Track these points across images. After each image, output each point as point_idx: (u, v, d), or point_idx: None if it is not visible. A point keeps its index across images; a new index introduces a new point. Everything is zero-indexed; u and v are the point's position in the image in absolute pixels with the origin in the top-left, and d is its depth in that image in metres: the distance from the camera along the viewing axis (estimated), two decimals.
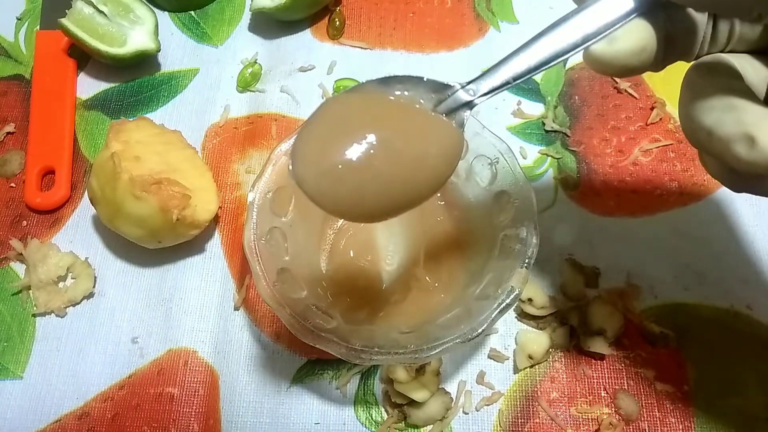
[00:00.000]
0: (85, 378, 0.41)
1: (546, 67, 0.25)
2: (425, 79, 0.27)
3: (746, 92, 0.23)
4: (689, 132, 0.25)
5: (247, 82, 0.50)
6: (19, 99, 0.51)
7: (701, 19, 0.25)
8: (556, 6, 0.53)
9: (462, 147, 0.27)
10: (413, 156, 0.26)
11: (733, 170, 0.24)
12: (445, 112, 0.27)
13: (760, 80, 0.24)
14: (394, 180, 0.25)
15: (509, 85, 0.26)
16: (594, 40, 0.24)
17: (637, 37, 0.24)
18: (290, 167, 0.26)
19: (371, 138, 0.25)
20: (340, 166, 0.25)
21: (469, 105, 0.26)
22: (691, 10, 0.25)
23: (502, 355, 0.40)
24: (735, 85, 0.24)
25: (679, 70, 0.47)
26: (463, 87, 0.26)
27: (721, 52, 0.26)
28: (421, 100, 0.27)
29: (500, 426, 0.38)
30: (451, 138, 0.27)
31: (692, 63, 0.27)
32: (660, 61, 0.26)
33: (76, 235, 0.46)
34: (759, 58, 0.25)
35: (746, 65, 0.25)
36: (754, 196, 0.44)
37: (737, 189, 0.26)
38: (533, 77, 0.49)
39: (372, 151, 0.25)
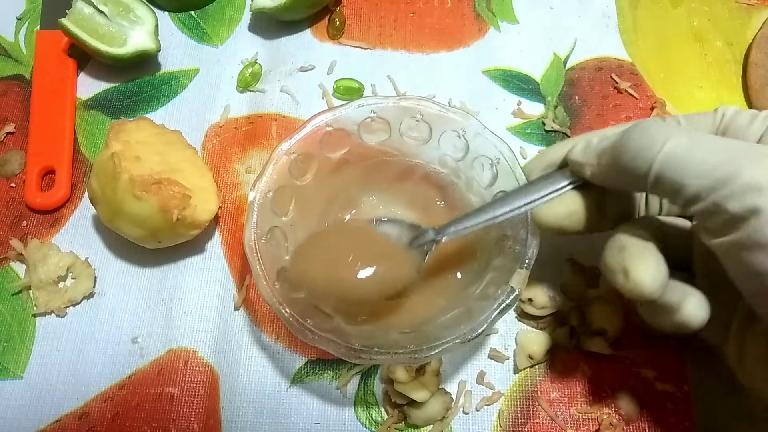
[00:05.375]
0: (85, 378, 0.41)
1: (500, 220, 0.33)
2: (405, 223, 0.36)
3: (641, 237, 0.29)
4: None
5: (247, 82, 0.50)
6: (19, 99, 0.51)
7: (630, 192, 0.33)
8: (556, 6, 0.53)
9: (415, 274, 0.36)
10: (378, 274, 0.35)
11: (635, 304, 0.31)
12: (417, 245, 0.35)
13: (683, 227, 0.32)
14: (363, 284, 0.34)
15: (470, 231, 0.34)
16: (536, 204, 0.32)
17: (567, 204, 0.32)
18: (294, 265, 0.36)
19: (354, 258, 0.35)
20: (330, 275, 0.35)
21: (436, 242, 0.35)
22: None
23: (502, 355, 0.40)
24: (637, 232, 0.29)
25: (679, 69, 0.48)
26: (434, 231, 0.35)
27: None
28: (401, 236, 0.36)
29: (500, 426, 0.38)
30: (408, 267, 0.35)
31: None
32: (595, 224, 0.33)
33: (76, 235, 0.46)
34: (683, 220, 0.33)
35: (673, 222, 0.33)
36: None
37: (648, 322, 0.31)
38: (533, 77, 0.50)
39: (352, 268, 0.35)
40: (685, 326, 0.28)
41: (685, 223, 0.33)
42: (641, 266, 0.28)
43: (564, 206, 0.32)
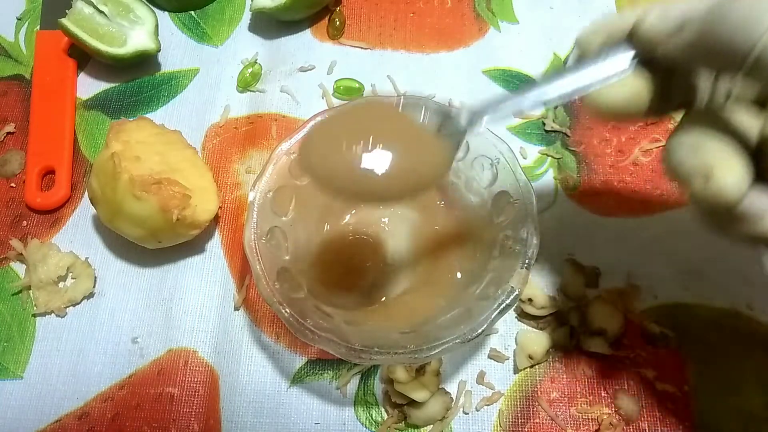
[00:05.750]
0: (85, 378, 0.41)
1: (550, 102, 0.28)
2: (433, 104, 0.30)
3: (720, 135, 0.25)
4: (665, 163, 0.27)
5: (247, 82, 0.50)
6: (19, 99, 0.51)
7: (698, 76, 0.28)
8: (556, 6, 0.53)
9: (448, 170, 0.31)
10: (403, 164, 0.29)
11: (705, 211, 0.26)
12: (446, 134, 0.30)
13: (749, 127, 0.26)
14: (383, 177, 0.28)
15: (509, 118, 0.28)
16: (592, 88, 0.27)
17: (630, 87, 0.27)
18: (302, 154, 0.30)
19: (373, 140, 0.28)
20: (341, 162, 0.29)
21: (470, 129, 0.29)
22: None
23: (502, 355, 0.40)
24: (714, 127, 0.25)
25: None
26: (468, 115, 0.29)
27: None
28: (427, 119, 0.30)
29: (500, 426, 0.38)
30: (439, 159, 0.30)
31: None
32: (656, 110, 0.28)
33: (76, 235, 0.46)
34: (754, 108, 0.28)
35: (739, 113, 0.27)
36: None
37: (713, 231, 0.27)
38: (533, 77, 0.50)
39: (370, 153, 0.28)
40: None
41: (752, 120, 0.28)
42: (725, 167, 0.24)
43: (626, 90, 0.27)
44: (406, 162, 0.29)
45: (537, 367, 0.40)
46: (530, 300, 0.40)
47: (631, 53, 0.27)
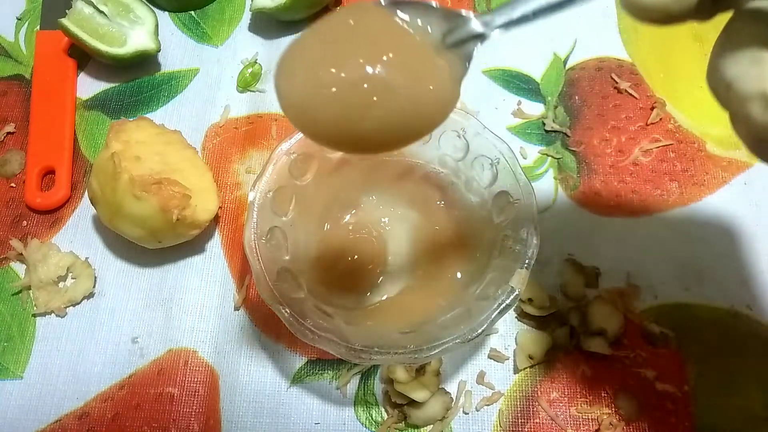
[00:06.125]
0: (85, 378, 0.41)
1: (570, 5, 0.22)
2: (436, 6, 0.25)
3: None
4: (710, 82, 0.23)
5: (247, 82, 0.50)
6: (19, 99, 0.51)
7: None
8: None
9: (456, 98, 0.25)
10: (402, 94, 0.23)
11: (758, 139, 0.22)
12: (454, 43, 0.25)
13: None
14: (376, 114, 0.24)
15: (528, 21, 0.23)
16: None
17: None
18: (274, 79, 0.26)
19: (363, 65, 0.23)
20: (322, 88, 0.23)
21: (481, 37, 0.24)
22: None
23: (502, 355, 0.40)
24: None
25: (679, 69, 0.47)
26: (480, 20, 0.24)
27: None
28: (429, 28, 0.24)
29: (500, 426, 0.38)
30: (445, 80, 0.25)
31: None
32: (707, 8, 0.22)
33: (76, 235, 0.46)
34: None
35: None
36: (754, 196, 0.45)
37: (760, 155, 0.23)
38: (533, 77, 0.50)
39: (360, 80, 0.23)
40: None
41: None
42: None
43: None
44: (402, 87, 0.23)
45: (537, 367, 0.40)
46: (530, 300, 0.40)
47: None
